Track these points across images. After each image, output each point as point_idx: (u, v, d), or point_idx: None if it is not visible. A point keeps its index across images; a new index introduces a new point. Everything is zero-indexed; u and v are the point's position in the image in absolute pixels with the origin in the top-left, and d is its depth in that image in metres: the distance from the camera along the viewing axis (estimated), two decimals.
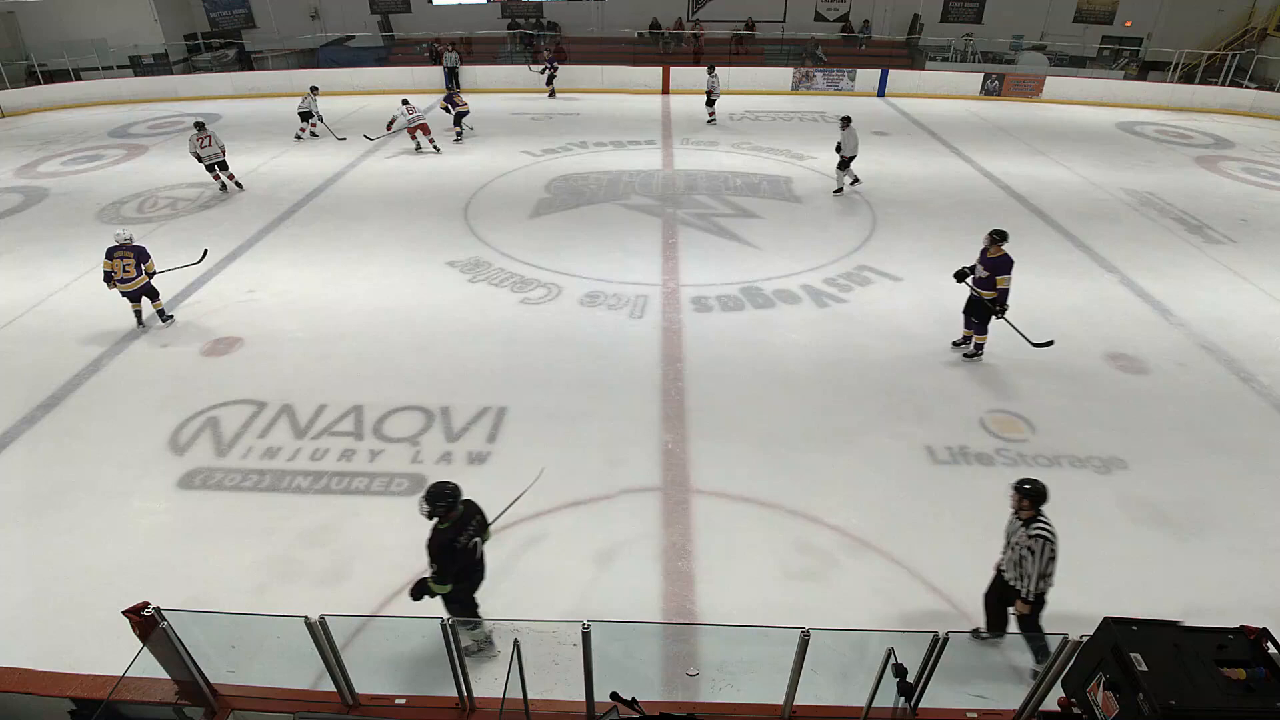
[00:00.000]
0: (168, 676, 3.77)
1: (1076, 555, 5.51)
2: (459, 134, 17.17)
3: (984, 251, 7.95)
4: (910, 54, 24.01)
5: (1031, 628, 4.61)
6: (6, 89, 22.35)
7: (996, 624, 4.80)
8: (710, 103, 18.22)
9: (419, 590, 4.65)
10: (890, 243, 11.44)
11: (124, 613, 3.47)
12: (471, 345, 8.70)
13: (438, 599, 4.69)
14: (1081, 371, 8.21)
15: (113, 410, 7.75)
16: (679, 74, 21.98)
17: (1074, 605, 5.04)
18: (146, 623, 3.47)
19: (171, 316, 9.46)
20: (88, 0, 23.31)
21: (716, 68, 19.47)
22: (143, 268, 9.02)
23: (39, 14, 24.03)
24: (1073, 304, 9.64)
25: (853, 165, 13.50)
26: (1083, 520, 6.08)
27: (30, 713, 3.88)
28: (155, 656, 3.61)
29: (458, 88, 22.00)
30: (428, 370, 8.24)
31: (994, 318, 7.99)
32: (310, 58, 25.16)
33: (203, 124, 13.89)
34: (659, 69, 22.01)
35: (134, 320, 9.29)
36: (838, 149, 13.07)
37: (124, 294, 9.11)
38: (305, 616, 3.53)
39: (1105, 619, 3.20)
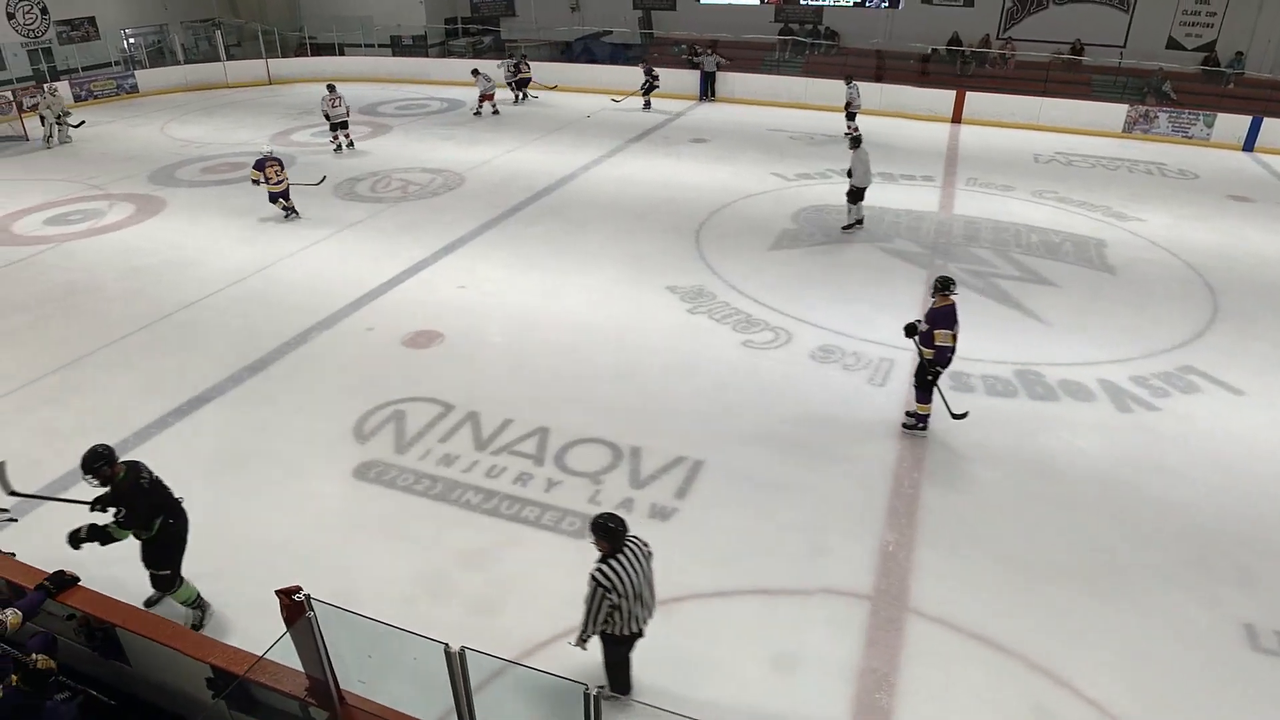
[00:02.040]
0: (301, 669, 4.18)
1: None
2: (519, 97, 22.38)
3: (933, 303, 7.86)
4: None
5: (609, 668, 5.07)
6: (277, 58, 26.78)
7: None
8: (850, 116, 18.96)
9: (86, 536, 5.23)
10: (1235, 341, 10.13)
11: (277, 592, 3.91)
12: (678, 383, 8.90)
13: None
14: None
15: (309, 385, 8.88)
16: (977, 101, 21.25)
17: None
18: (295, 608, 3.89)
19: (297, 212, 13.73)
20: None
21: (854, 79, 19.52)
22: (285, 172, 13.51)
23: None
24: None
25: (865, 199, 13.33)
26: None
27: (172, 668, 4.48)
28: (294, 645, 4.02)
29: (714, 91, 22.97)
30: (625, 403, 8.54)
31: (932, 381, 7.92)
32: (564, 50, 27.56)
33: (334, 87, 17.84)
34: (951, 93, 21.44)
35: (282, 215, 13.72)
36: (848, 174, 13.07)
37: (273, 194, 13.50)
38: (446, 645, 3.75)
39: None
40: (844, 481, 7.41)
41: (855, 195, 13.18)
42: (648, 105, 22.13)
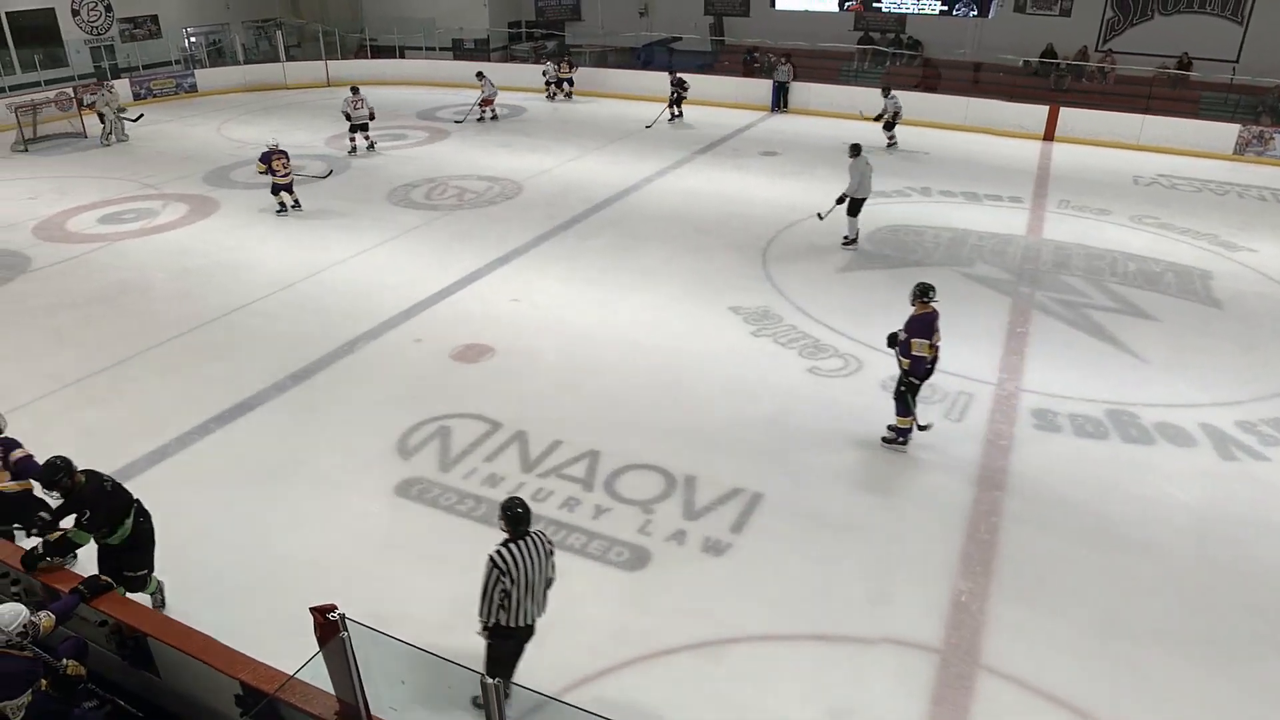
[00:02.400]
0: (332, 691, 4.23)
1: None
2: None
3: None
4: None
5: (491, 663, 5.05)
6: (337, 59, 27.62)
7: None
8: (889, 126, 19.26)
9: (44, 551, 5.25)
10: None
11: (311, 609, 3.98)
12: (739, 409, 8.86)
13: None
14: None
15: (355, 396, 9.07)
16: (1072, 117, 20.84)
17: None
18: (329, 627, 3.95)
19: (300, 205, 14.87)
20: None
21: (894, 90, 19.74)
22: (291, 165, 14.51)
23: None
24: None
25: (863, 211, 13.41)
26: None
27: (201, 681, 4.59)
28: (326, 665, 4.08)
29: (786, 102, 22.99)
30: (681, 428, 8.53)
31: (911, 395, 8.02)
32: (629, 56, 27.86)
33: (358, 89, 18.74)
34: (1044, 108, 21.06)
35: (278, 207, 14.69)
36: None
37: (277, 186, 14.50)
38: (483, 675, 3.76)
39: None
40: (914, 523, 7.27)
41: (852, 208, 13.25)
42: (677, 116, 21.91)
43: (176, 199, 15.53)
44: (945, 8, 24.70)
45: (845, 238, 13.51)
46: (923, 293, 7.98)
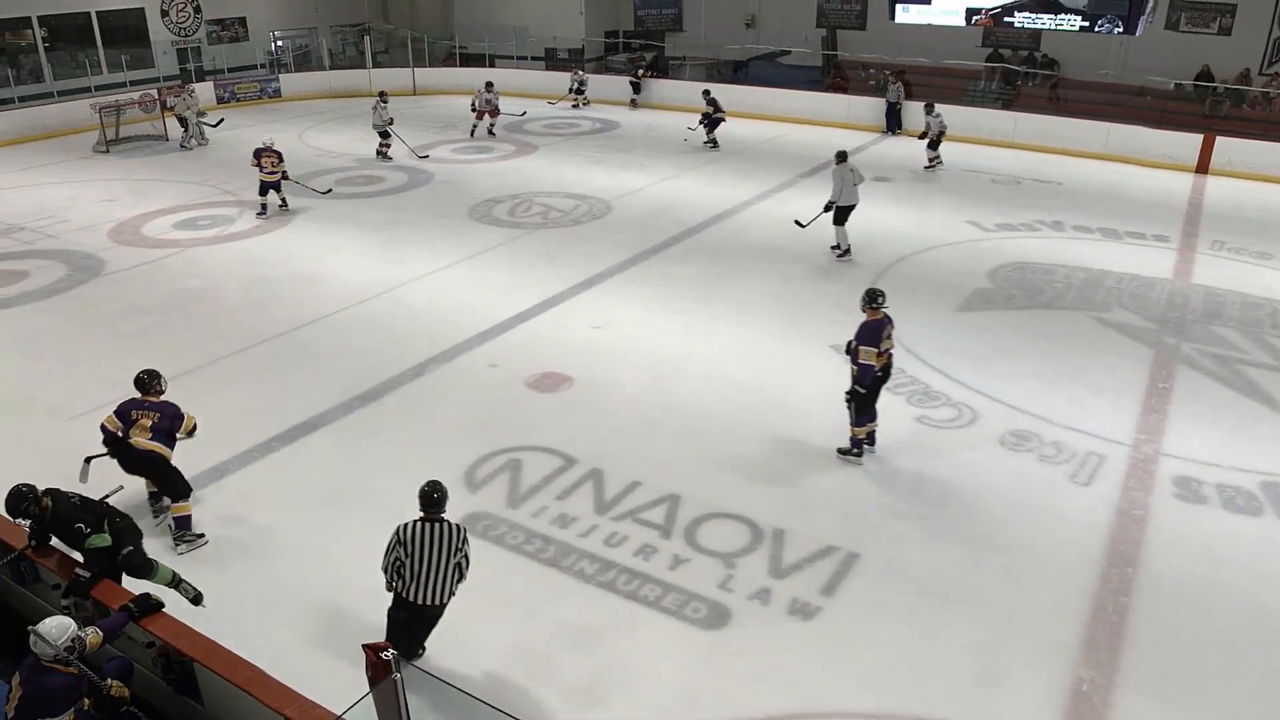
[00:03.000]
0: None
1: None
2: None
3: None
4: None
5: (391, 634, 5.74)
6: (425, 67, 28.58)
7: None
8: (933, 144, 19.47)
9: (90, 579, 5.56)
10: None
11: (364, 647, 4.05)
12: (836, 459, 8.72)
13: None
14: None
15: (424, 420, 9.27)
16: (1230, 148, 20.07)
17: None
18: (381, 666, 4.01)
19: (287, 205, 15.99)
20: None
21: (937, 105, 19.95)
22: (282, 165, 15.47)
23: None
24: None
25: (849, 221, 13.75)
26: None
27: (245, 715, 4.70)
28: (375, 706, 4.13)
29: (900, 124, 22.81)
30: (772, 475, 8.44)
31: (853, 403, 8.34)
32: (732, 71, 28.06)
33: (385, 94, 19.88)
34: (1197, 137, 20.37)
35: (259, 210, 15.76)
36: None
37: (265, 184, 15.42)
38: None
39: None
40: (1031, 598, 7.01)
41: (838, 216, 13.74)
42: (709, 144, 21.33)
43: (253, 206, 16.22)
44: (1086, 24, 24.13)
45: (834, 248, 14.03)
46: (872, 299, 8.29)
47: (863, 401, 8.38)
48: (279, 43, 29.86)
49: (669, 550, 7.37)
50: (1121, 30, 23.76)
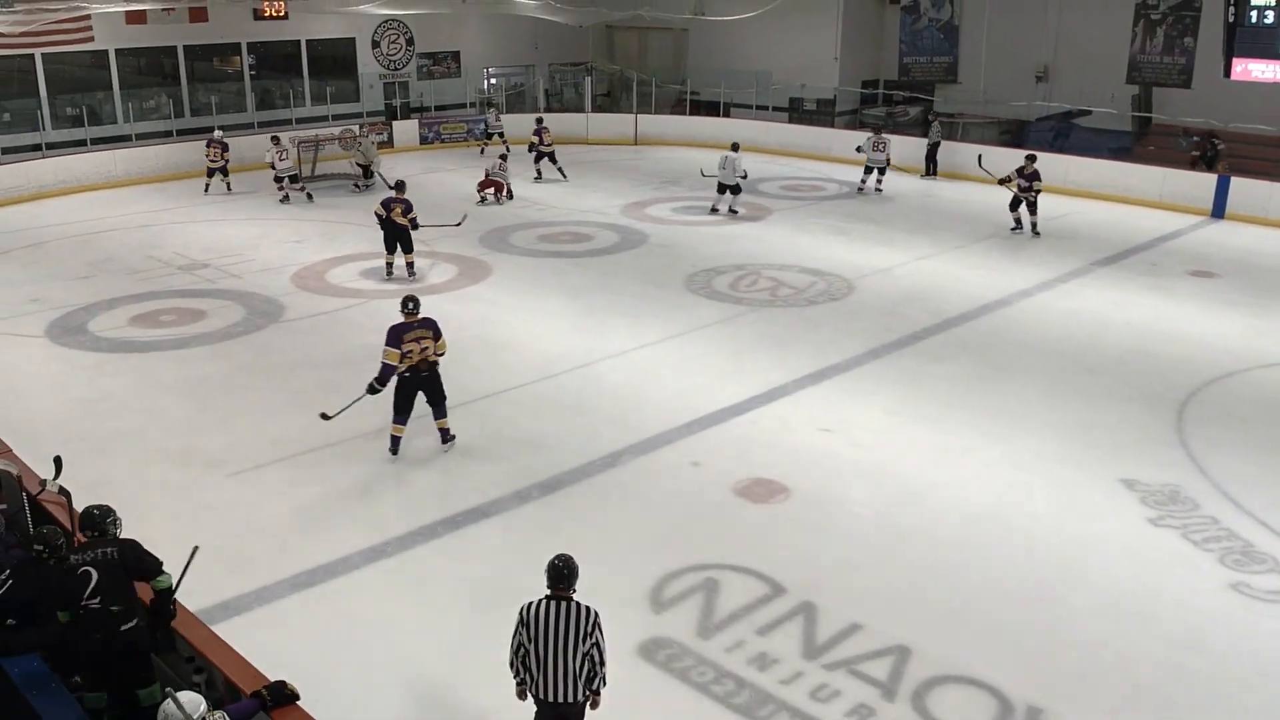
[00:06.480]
0: None
1: None
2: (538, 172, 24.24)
3: None
4: None
5: None
6: (649, 113, 29.70)
7: None
8: (874, 170, 22.95)
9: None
10: None
11: None
12: (1119, 626, 8.11)
13: None
14: None
15: (608, 521, 9.37)
16: None
17: None
18: None
19: (229, 189, 22.00)
20: (768, 27, 29.50)
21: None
22: (226, 155, 21.99)
23: (710, 36, 31.52)
24: None
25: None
26: None
27: None
28: None
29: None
30: (1032, 638, 7.95)
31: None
32: (1016, 131, 27.49)
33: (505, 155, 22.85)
34: None
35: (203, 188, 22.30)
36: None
37: (211, 169, 22.11)
38: None
39: None
40: None
41: (722, 189, 19.99)
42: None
43: (447, 259, 17.21)
44: None
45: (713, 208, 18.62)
46: (403, 304, 10.05)
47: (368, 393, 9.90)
48: (492, 80, 31.92)
49: (891, 714, 7.02)
50: None
